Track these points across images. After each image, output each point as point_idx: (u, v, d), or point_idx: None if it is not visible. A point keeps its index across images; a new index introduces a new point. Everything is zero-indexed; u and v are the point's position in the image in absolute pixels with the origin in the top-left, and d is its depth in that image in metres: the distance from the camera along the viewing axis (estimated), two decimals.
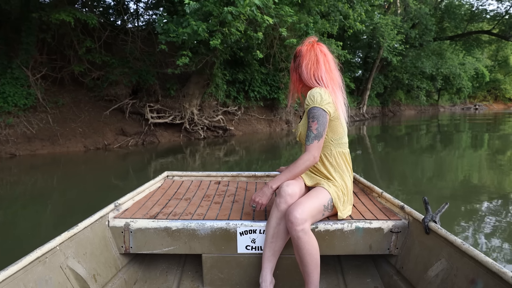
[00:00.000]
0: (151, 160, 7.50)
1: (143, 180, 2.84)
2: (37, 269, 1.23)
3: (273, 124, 14.05)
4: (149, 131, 9.89)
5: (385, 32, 17.79)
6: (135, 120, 10.04)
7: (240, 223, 1.67)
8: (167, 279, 1.81)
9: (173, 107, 10.51)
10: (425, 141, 11.12)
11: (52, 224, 3.57)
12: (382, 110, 27.17)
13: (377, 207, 1.92)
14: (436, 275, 1.41)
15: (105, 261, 1.61)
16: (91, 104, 9.63)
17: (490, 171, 6.14)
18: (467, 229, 3.31)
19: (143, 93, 10.13)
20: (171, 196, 2.17)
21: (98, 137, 8.74)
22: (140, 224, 1.68)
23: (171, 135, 10.50)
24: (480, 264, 1.23)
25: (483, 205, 4.10)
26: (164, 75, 10.77)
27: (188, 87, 10.66)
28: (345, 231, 1.67)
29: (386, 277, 1.75)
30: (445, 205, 1.60)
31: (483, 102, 50.97)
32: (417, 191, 4.70)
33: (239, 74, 12.71)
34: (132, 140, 9.27)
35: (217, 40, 6.97)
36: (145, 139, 9.54)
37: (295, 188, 1.60)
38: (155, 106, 10.13)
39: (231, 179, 2.64)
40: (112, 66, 9.64)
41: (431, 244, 1.51)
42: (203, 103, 11.49)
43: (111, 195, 4.27)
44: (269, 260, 1.59)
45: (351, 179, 1.77)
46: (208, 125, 11.26)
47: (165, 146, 9.47)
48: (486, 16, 21.78)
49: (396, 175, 5.89)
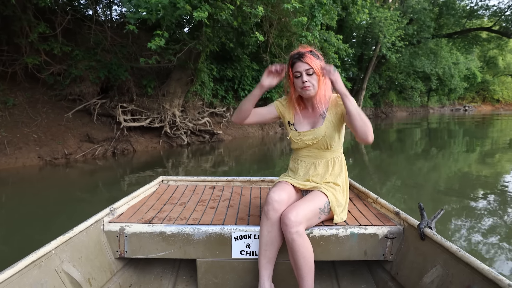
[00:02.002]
0: (124, 176, 5.95)
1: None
2: (32, 273, 1.24)
3: (265, 127, 12.61)
4: (122, 137, 8.31)
5: (384, 27, 16.65)
6: (104, 124, 8.44)
7: (234, 228, 1.67)
8: (161, 284, 1.80)
9: (150, 108, 8.95)
10: (447, 150, 9.87)
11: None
12: (375, 112, 26.18)
13: (372, 213, 1.91)
14: (431, 281, 1.41)
15: (100, 265, 1.61)
16: (50, 105, 8.00)
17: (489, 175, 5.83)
18: (462, 235, 3.25)
19: (114, 91, 8.54)
20: (166, 200, 2.17)
21: (56, 144, 7.12)
22: (135, 229, 1.67)
23: (149, 141, 8.93)
24: (476, 271, 1.22)
25: (478, 209, 3.97)
26: (140, 70, 9.20)
27: (168, 84, 9.12)
28: (340, 236, 1.66)
29: (381, 283, 1.74)
30: (441, 211, 1.62)
31: (471, 103, 50.78)
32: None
33: (227, 70, 11.23)
34: (100, 148, 7.68)
35: (204, 12, 5.41)
36: (116, 147, 7.96)
37: (282, 194, 1.61)
38: (129, 107, 8.56)
39: (226, 184, 2.61)
40: (76, 59, 8.03)
41: (427, 250, 1.51)
42: (186, 104, 9.96)
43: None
44: (265, 268, 1.58)
45: (348, 183, 1.83)
46: (192, 128, 9.75)
47: (142, 157, 7.91)
48: (486, 12, 20.85)
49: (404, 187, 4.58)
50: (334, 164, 1.76)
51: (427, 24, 19.98)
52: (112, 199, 2.01)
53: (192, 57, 8.55)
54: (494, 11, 21.36)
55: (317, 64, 1.63)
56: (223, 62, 11.45)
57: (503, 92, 51.82)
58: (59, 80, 8.04)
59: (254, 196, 2.29)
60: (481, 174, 5.92)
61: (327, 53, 12.31)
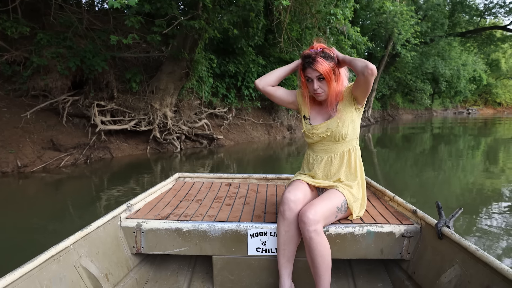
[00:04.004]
0: (100, 192, 4.27)
1: None
2: (51, 267, 1.25)
3: (272, 130, 10.97)
4: (99, 143, 6.63)
5: (399, 22, 15.17)
6: (77, 127, 6.76)
7: (250, 225, 1.66)
8: (177, 280, 1.79)
9: (136, 108, 7.29)
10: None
11: None
12: (382, 115, 24.81)
13: (389, 211, 1.88)
14: (449, 281, 1.39)
15: (117, 260, 1.61)
16: (7, 102, 6.31)
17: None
18: (480, 235, 3.09)
19: (89, 86, 6.86)
20: (182, 197, 2.15)
21: (7, 153, 5.43)
22: (152, 225, 1.67)
23: (134, 148, 7.26)
24: (496, 271, 1.19)
25: (496, 209, 3.82)
26: (123, 61, 7.54)
27: (158, 78, 7.46)
28: (356, 234, 1.64)
29: (398, 282, 1.71)
30: (459, 210, 1.60)
31: (473, 106, 49.84)
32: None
33: (229, 65, 9.58)
34: (68, 157, 5.99)
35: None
36: (90, 156, 6.28)
37: (298, 193, 1.60)
38: (108, 105, 6.89)
39: (242, 181, 2.59)
40: (40, 44, 6.35)
41: (444, 250, 1.49)
42: (180, 103, 8.30)
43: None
44: (285, 267, 1.58)
45: (363, 176, 1.79)
46: (187, 133, 8.09)
47: (122, 162, 6.23)
48: (502, 9, 19.48)
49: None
50: (350, 156, 1.72)
51: (440, 22, 18.63)
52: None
53: (187, 45, 6.91)
54: (510, 9, 20.07)
55: (327, 68, 1.61)
56: (224, 55, 9.80)
57: (505, 95, 51.05)
58: (19, 70, 6.35)
59: (270, 194, 2.26)
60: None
61: (343, 47, 10.75)
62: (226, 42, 9.66)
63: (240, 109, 10.22)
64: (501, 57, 45.01)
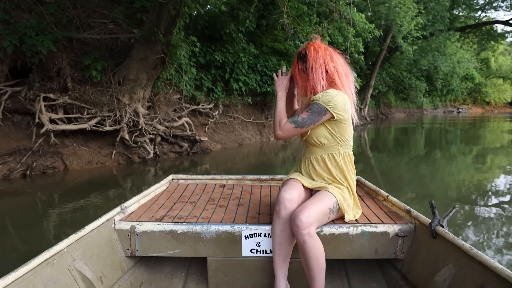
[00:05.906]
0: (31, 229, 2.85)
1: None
2: (45, 271, 1.24)
3: (265, 130, 9.60)
4: (47, 148, 5.15)
5: (401, 13, 13.99)
6: (17, 126, 5.26)
7: (245, 227, 1.64)
8: (172, 282, 1.77)
9: (98, 103, 5.81)
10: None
11: None
12: (376, 113, 23.84)
13: (382, 211, 1.88)
14: (443, 280, 1.38)
15: (111, 263, 1.60)
16: None
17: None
18: (474, 233, 3.08)
19: (34, 74, 5.35)
20: (177, 199, 2.13)
21: None
22: (146, 227, 1.66)
23: (95, 153, 5.78)
24: (489, 269, 1.19)
25: (489, 208, 3.76)
26: (82, 44, 6.01)
27: (127, 66, 5.99)
28: (350, 235, 1.64)
29: (392, 282, 1.71)
30: (453, 209, 1.59)
31: (463, 105, 49.67)
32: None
33: (216, 53, 8.15)
34: (0, 166, 4.50)
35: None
36: (33, 164, 4.80)
37: (293, 193, 1.59)
38: (59, 99, 5.40)
39: (236, 182, 2.57)
40: None
41: (438, 249, 1.49)
42: (155, 97, 6.85)
43: None
44: (280, 267, 1.57)
45: (355, 181, 1.77)
46: (164, 133, 6.65)
47: (77, 176, 4.76)
48: (504, 3, 18.61)
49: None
50: (332, 161, 1.69)
51: (441, 14, 17.60)
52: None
53: (161, 24, 5.46)
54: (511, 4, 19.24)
55: (295, 70, 1.68)
56: (210, 43, 8.37)
57: (494, 94, 51.11)
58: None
59: (264, 195, 2.24)
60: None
61: (346, 35, 9.44)
62: (213, 27, 8.23)
63: (228, 106, 8.82)
64: (491, 55, 44.81)
